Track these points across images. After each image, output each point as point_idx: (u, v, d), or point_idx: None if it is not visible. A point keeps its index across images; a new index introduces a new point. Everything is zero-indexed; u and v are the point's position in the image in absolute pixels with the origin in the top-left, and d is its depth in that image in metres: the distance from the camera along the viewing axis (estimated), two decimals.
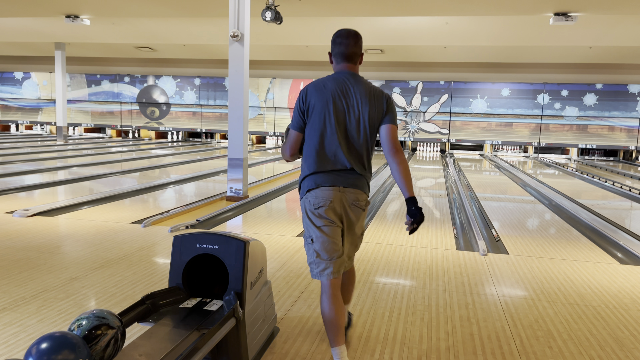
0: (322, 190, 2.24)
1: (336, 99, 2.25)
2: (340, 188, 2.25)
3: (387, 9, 9.79)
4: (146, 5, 10.27)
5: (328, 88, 2.26)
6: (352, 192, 2.26)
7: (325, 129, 2.25)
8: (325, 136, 2.25)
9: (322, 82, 2.30)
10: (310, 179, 2.28)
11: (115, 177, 8.63)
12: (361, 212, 2.32)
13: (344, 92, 2.26)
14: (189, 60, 18.15)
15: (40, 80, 19.69)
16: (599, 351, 2.59)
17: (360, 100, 2.25)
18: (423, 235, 5.03)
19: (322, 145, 2.26)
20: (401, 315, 2.98)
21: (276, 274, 3.65)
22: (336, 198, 2.24)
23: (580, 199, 7.75)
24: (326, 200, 2.23)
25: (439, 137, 16.99)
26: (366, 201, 2.33)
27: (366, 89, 2.27)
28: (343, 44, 2.28)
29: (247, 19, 6.37)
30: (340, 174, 2.26)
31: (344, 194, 2.25)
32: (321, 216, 2.24)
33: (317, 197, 2.25)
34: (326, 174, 2.26)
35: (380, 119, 2.29)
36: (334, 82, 2.28)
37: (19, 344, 2.46)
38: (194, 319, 1.98)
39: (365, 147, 2.28)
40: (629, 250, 4.64)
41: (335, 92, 2.25)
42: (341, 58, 2.30)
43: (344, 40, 2.28)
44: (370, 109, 2.25)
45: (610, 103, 15.69)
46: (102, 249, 4.17)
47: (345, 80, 2.28)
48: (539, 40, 12.28)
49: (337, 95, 2.25)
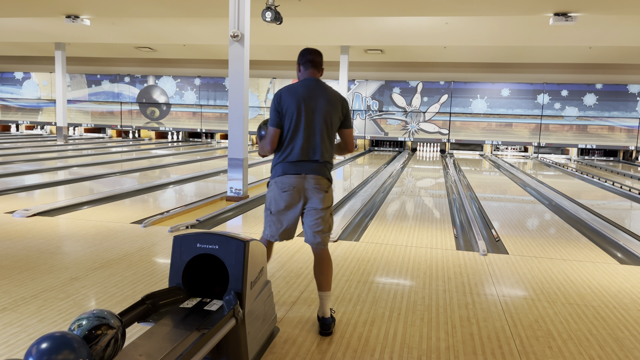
0: (289, 178, 2.76)
1: (305, 102, 2.75)
2: (303, 175, 2.75)
3: (387, 9, 9.79)
4: (146, 5, 10.27)
5: (299, 92, 2.77)
6: (313, 178, 2.75)
7: (294, 126, 2.74)
8: (294, 132, 2.74)
9: (293, 87, 2.81)
10: (280, 167, 2.79)
11: (116, 177, 8.64)
12: (324, 194, 2.77)
13: (311, 96, 2.76)
14: (189, 61, 18.15)
15: (41, 80, 19.69)
16: (599, 351, 2.60)
17: (324, 103, 2.76)
18: (423, 235, 5.03)
19: (291, 139, 2.76)
20: (401, 315, 2.98)
21: (276, 274, 3.66)
22: (300, 184, 2.75)
23: (580, 199, 7.75)
24: (290, 186, 2.75)
25: (439, 137, 16.99)
26: (328, 185, 2.80)
27: (328, 94, 2.80)
28: (312, 53, 2.87)
29: (247, 19, 6.37)
30: (305, 164, 2.75)
31: (306, 180, 2.75)
32: (284, 199, 2.77)
33: (284, 183, 2.76)
34: (293, 164, 2.76)
35: (339, 119, 2.83)
36: (303, 87, 2.79)
37: (19, 344, 2.46)
38: (194, 319, 1.98)
39: (326, 140, 2.77)
40: (628, 250, 4.64)
41: (304, 96, 2.76)
42: (310, 65, 2.84)
43: (312, 52, 2.88)
44: (332, 110, 2.78)
45: (610, 103, 15.69)
46: (102, 249, 4.18)
47: (312, 85, 2.80)
48: (539, 40, 12.28)
49: (305, 99, 2.75)
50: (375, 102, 17.23)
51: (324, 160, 2.78)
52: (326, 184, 2.79)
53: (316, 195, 2.76)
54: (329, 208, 2.84)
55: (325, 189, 2.79)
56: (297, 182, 2.74)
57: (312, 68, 2.84)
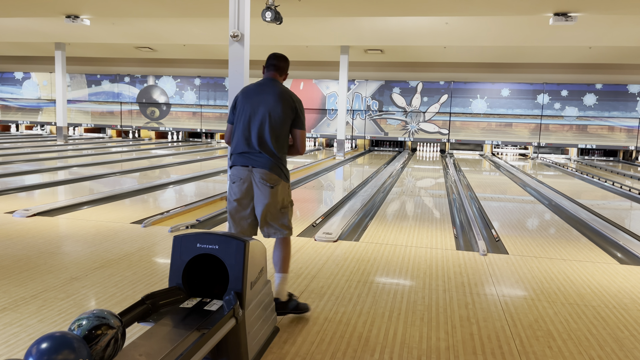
0: (237, 169, 2.87)
1: (252, 96, 2.90)
2: (250, 168, 2.82)
3: (387, 9, 9.78)
4: (146, 5, 10.27)
5: (250, 89, 2.94)
6: (259, 171, 2.80)
7: (244, 121, 2.86)
8: (243, 126, 2.86)
9: (248, 86, 2.98)
10: (231, 159, 2.92)
11: (116, 177, 8.64)
12: (269, 189, 2.80)
13: (259, 91, 2.91)
14: (189, 61, 18.14)
15: (41, 80, 19.68)
16: (599, 351, 2.60)
17: (270, 97, 2.86)
18: (423, 235, 5.03)
19: (240, 133, 2.87)
20: (401, 315, 2.98)
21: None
22: (247, 176, 2.82)
23: (580, 199, 7.75)
24: (237, 177, 2.85)
25: (439, 137, 16.99)
26: (276, 180, 2.82)
27: (278, 91, 2.89)
28: (276, 58, 3.01)
29: (247, 19, 6.37)
30: (251, 156, 2.83)
31: (253, 173, 2.81)
32: (233, 190, 2.87)
33: (233, 174, 2.88)
34: (239, 155, 2.87)
35: (289, 117, 2.87)
36: (255, 85, 2.96)
37: (19, 344, 2.47)
38: (194, 319, 1.98)
39: (272, 134, 2.82)
40: (628, 250, 4.64)
41: (253, 91, 2.92)
42: (272, 68, 2.99)
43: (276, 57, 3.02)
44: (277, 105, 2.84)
45: (610, 103, 15.68)
46: (102, 249, 4.18)
47: (264, 83, 2.95)
48: (539, 40, 12.27)
49: (253, 94, 2.91)
50: (375, 102, 17.23)
51: (271, 154, 2.82)
52: (273, 179, 2.81)
53: (262, 190, 2.80)
54: (280, 203, 2.85)
55: (272, 184, 2.81)
56: (244, 174, 2.82)
57: (273, 71, 2.99)
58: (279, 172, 2.85)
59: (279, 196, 2.85)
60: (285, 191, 2.91)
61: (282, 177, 2.87)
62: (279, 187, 2.84)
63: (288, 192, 2.95)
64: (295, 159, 13.40)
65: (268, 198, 2.81)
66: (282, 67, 3.01)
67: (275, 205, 2.84)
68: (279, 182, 2.84)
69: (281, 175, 2.86)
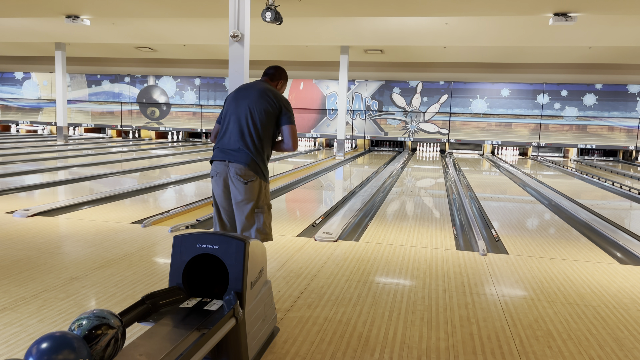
0: (215, 164, 2.88)
1: (237, 93, 2.94)
2: (227, 162, 2.81)
3: (387, 9, 9.79)
4: (146, 5, 10.27)
5: (238, 89, 2.99)
6: (234, 166, 2.78)
7: (227, 117, 2.90)
8: (226, 122, 2.89)
9: (239, 87, 3.04)
10: (213, 152, 2.93)
11: (116, 177, 8.64)
12: (243, 185, 2.76)
13: (245, 88, 2.95)
14: (189, 61, 18.15)
15: (41, 80, 19.69)
16: (599, 351, 2.60)
17: (253, 93, 2.88)
18: (423, 235, 5.03)
19: (223, 128, 2.91)
20: (401, 315, 2.98)
21: (276, 274, 3.66)
22: (223, 171, 2.82)
23: (579, 199, 7.75)
24: (215, 172, 2.86)
25: (439, 137, 16.99)
26: (251, 176, 2.78)
27: (264, 88, 2.91)
28: (274, 69, 3.10)
29: (247, 19, 6.37)
30: (230, 151, 2.82)
31: (229, 167, 2.80)
32: (213, 186, 2.90)
33: (212, 169, 2.89)
34: (219, 150, 2.87)
35: (273, 114, 2.86)
36: (246, 85, 3.00)
37: (19, 344, 2.47)
38: (194, 319, 1.98)
39: (256, 132, 2.81)
40: (628, 250, 4.64)
41: (240, 89, 2.97)
42: (267, 76, 3.08)
43: (275, 68, 3.11)
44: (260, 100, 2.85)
45: (609, 103, 15.69)
46: (102, 249, 4.18)
47: (253, 84, 2.98)
48: (539, 40, 12.28)
49: (239, 91, 2.95)
50: (375, 102, 17.23)
51: (249, 151, 2.78)
52: (249, 175, 2.75)
53: (236, 185, 2.75)
54: (253, 202, 2.78)
55: (246, 180, 2.75)
56: (220, 169, 2.81)
57: (265, 77, 3.07)
58: (256, 169, 2.79)
59: (253, 194, 2.76)
60: (262, 191, 2.82)
61: (259, 174, 2.79)
62: (254, 184, 2.76)
63: (265, 193, 2.85)
64: (296, 158, 13.39)
65: (242, 195, 2.75)
66: (274, 74, 3.07)
67: (247, 203, 2.76)
68: (254, 179, 2.77)
69: (258, 173, 2.79)
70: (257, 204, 2.79)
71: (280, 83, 3.08)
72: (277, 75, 3.07)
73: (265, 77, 3.06)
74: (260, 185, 2.80)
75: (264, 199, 2.83)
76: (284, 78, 3.12)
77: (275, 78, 3.06)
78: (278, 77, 3.07)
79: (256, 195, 2.77)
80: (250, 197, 2.75)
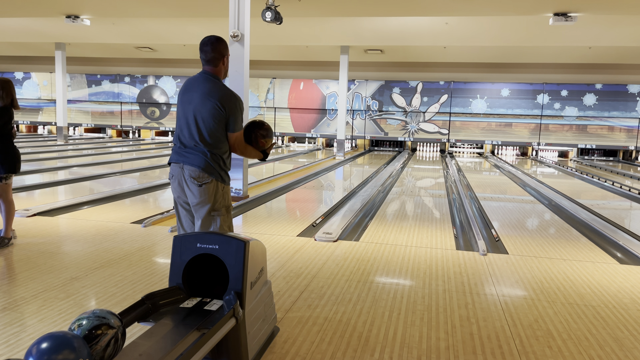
0: (172, 166, 2.78)
1: (187, 94, 2.76)
2: (181, 165, 2.71)
3: (387, 9, 9.78)
4: (146, 5, 10.27)
5: (184, 87, 2.82)
6: (188, 168, 2.68)
7: (179, 117, 2.78)
8: (178, 124, 2.78)
9: (187, 81, 2.86)
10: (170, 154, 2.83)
11: (116, 177, 8.64)
12: (197, 188, 2.66)
13: (194, 89, 2.74)
14: (189, 60, 18.13)
15: (41, 80, 19.68)
16: (599, 351, 2.60)
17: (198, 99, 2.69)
18: (423, 235, 5.03)
19: (177, 130, 2.79)
20: (401, 315, 2.98)
21: (276, 274, 3.66)
22: (178, 173, 2.73)
23: (579, 199, 7.75)
24: (171, 174, 2.79)
25: (439, 137, 16.99)
26: (205, 178, 2.67)
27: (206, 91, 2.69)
28: (204, 51, 2.78)
29: (247, 19, 6.37)
30: (182, 152, 2.72)
31: (183, 170, 2.70)
32: (172, 189, 2.81)
33: (169, 171, 2.81)
34: (174, 152, 2.77)
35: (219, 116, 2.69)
36: (192, 80, 2.81)
37: (19, 344, 2.47)
38: (194, 319, 1.98)
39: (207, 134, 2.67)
40: (628, 250, 4.64)
41: (188, 89, 2.78)
42: (204, 63, 2.78)
43: (204, 47, 2.78)
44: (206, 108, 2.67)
45: (609, 103, 15.69)
46: (102, 249, 4.18)
47: (198, 79, 2.76)
48: (539, 40, 12.28)
49: (188, 91, 2.76)
50: (375, 102, 17.23)
51: (204, 153, 2.66)
52: (203, 177, 2.65)
53: (190, 188, 2.67)
54: (209, 205, 2.67)
55: (200, 182, 2.65)
56: (176, 172, 2.73)
57: (205, 64, 2.78)
58: (212, 171, 2.67)
59: (208, 197, 2.66)
60: (219, 193, 2.70)
61: (215, 176, 2.68)
62: (209, 186, 2.66)
63: (223, 195, 2.73)
64: (296, 158, 13.40)
65: (196, 197, 2.66)
66: (214, 57, 2.74)
67: (202, 205, 2.67)
68: (208, 181, 2.66)
69: (214, 174, 2.68)
70: (213, 207, 2.69)
71: (223, 61, 2.78)
72: (217, 57, 2.75)
73: (207, 65, 2.76)
74: (217, 187, 2.69)
75: (221, 201, 2.71)
76: (225, 51, 2.80)
77: (216, 61, 2.75)
78: (219, 57, 2.76)
79: (212, 197, 2.67)
80: (206, 200, 2.66)
